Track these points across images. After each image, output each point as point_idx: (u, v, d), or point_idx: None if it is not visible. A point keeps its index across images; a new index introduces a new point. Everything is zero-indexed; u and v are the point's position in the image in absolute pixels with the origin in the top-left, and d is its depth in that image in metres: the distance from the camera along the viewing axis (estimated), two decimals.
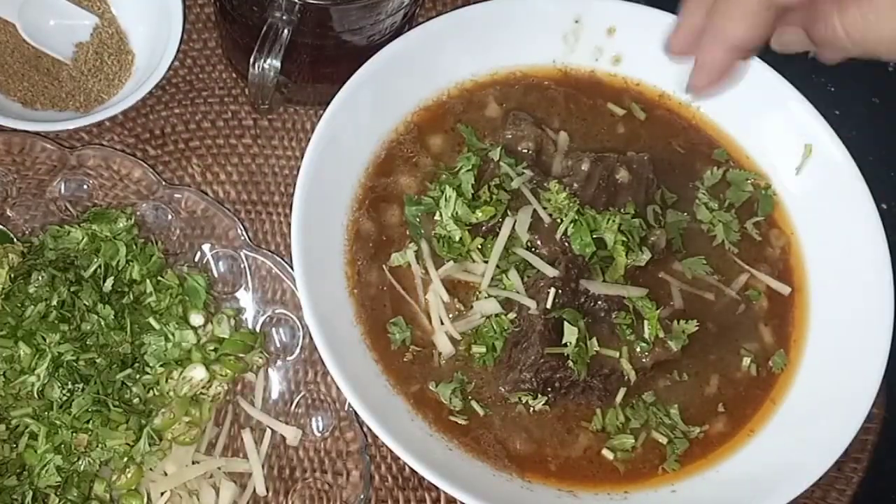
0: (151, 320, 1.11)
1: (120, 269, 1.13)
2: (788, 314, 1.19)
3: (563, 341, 1.08)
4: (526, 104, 1.25)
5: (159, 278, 1.14)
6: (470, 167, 1.14)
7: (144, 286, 1.12)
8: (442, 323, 1.12)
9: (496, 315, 1.12)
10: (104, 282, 1.11)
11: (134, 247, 1.14)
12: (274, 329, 1.16)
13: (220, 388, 1.12)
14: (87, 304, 1.09)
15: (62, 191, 1.17)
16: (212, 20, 1.30)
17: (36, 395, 1.05)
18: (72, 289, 1.09)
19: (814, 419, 1.12)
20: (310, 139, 1.12)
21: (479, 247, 1.13)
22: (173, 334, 1.11)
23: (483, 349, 1.11)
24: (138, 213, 1.17)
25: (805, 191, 1.22)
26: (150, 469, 1.08)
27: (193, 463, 1.10)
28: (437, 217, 1.14)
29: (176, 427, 1.10)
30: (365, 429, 1.12)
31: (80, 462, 1.06)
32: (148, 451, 1.08)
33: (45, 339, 1.06)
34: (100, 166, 1.18)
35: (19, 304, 1.08)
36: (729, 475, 1.10)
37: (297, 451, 1.13)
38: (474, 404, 1.10)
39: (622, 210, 1.14)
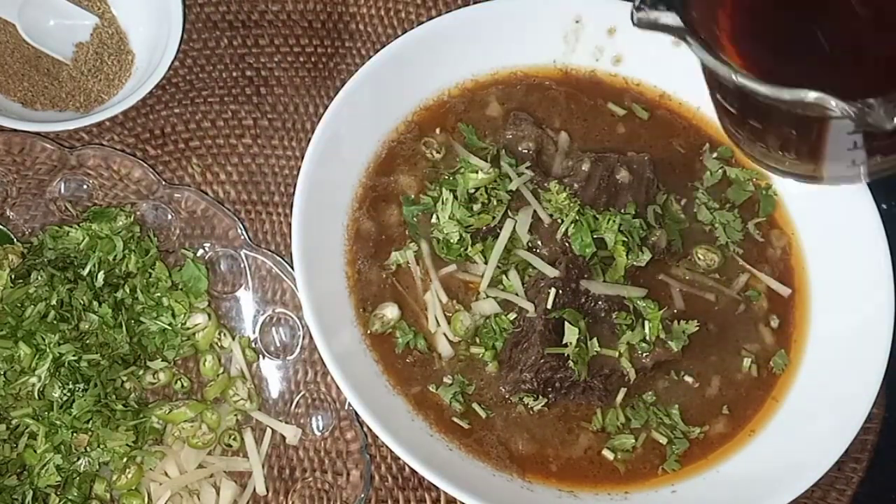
0: (144, 318, 1.12)
1: (115, 262, 1.13)
2: (789, 314, 1.19)
3: (564, 341, 1.08)
4: (527, 104, 1.25)
5: (150, 271, 1.14)
6: (468, 170, 1.15)
7: (137, 280, 1.13)
8: (439, 324, 1.12)
9: (496, 315, 1.12)
10: (97, 277, 1.12)
11: (131, 240, 1.14)
12: (274, 329, 1.16)
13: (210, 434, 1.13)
14: (82, 302, 1.09)
15: (62, 191, 1.17)
16: (212, 20, 1.30)
17: (36, 396, 1.05)
18: (68, 287, 1.09)
19: (814, 419, 1.12)
20: (310, 139, 1.12)
21: (481, 251, 1.13)
22: (171, 325, 1.12)
23: (482, 350, 1.12)
24: (138, 212, 1.17)
25: (805, 191, 1.22)
26: (151, 469, 1.09)
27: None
28: (434, 220, 1.14)
29: (186, 427, 1.10)
30: (365, 429, 1.12)
31: (80, 462, 1.06)
32: (148, 452, 1.08)
33: (44, 340, 1.06)
34: (100, 166, 1.18)
35: (19, 305, 1.08)
36: (729, 475, 1.10)
37: (297, 451, 1.14)
38: (476, 407, 1.10)
39: (623, 210, 1.14)
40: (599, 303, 1.11)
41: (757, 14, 0.97)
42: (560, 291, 1.09)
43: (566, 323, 1.08)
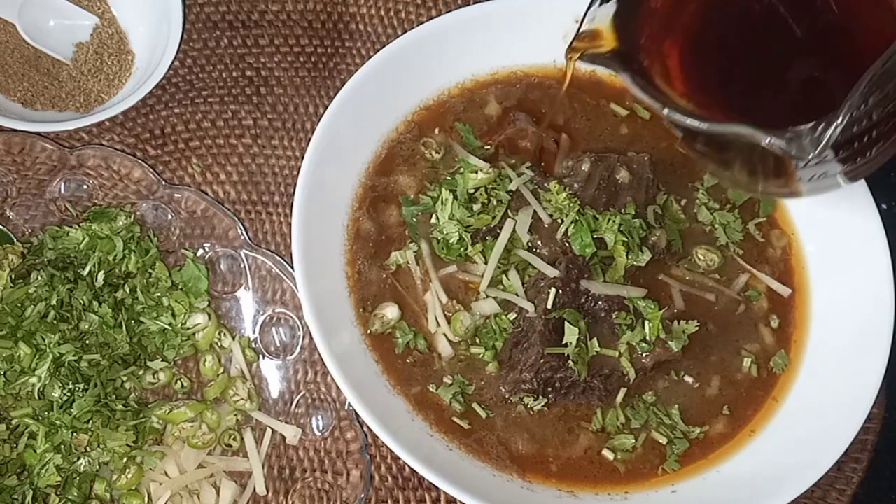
0: (144, 318, 1.12)
1: (115, 262, 1.14)
2: (789, 314, 1.19)
3: (564, 341, 1.08)
4: (529, 103, 1.24)
5: (150, 271, 1.14)
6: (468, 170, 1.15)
7: (137, 280, 1.13)
8: (439, 325, 1.12)
9: (496, 315, 1.12)
10: (97, 277, 1.12)
11: (131, 240, 1.14)
12: (274, 329, 1.16)
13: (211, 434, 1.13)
14: (82, 302, 1.09)
15: (62, 191, 1.17)
16: (212, 20, 1.30)
17: (36, 396, 1.05)
18: (68, 287, 1.09)
19: (814, 419, 1.12)
20: (310, 139, 1.12)
21: (481, 251, 1.13)
22: (171, 325, 1.12)
23: (482, 350, 1.12)
24: (138, 212, 1.17)
25: None
26: (151, 469, 1.09)
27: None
28: (433, 220, 1.14)
29: (186, 427, 1.10)
30: (365, 429, 1.12)
31: (80, 462, 1.06)
32: (148, 452, 1.08)
33: (44, 340, 1.06)
34: (100, 166, 1.18)
35: (19, 305, 1.08)
36: (729, 475, 1.10)
37: (297, 451, 1.14)
38: (476, 407, 1.10)
39: (622, 210, 1.14)
40: (599, 303, 1.11)
41: (700, 45, 0.97)
42: (560, 291, 1.09)
43: (566, 323, 1.08)
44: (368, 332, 1.11)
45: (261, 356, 1.16)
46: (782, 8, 0.94)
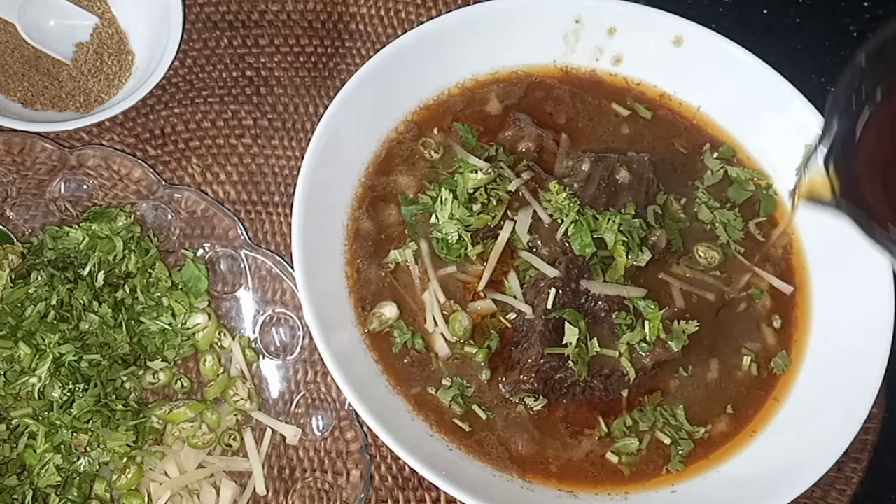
0: (144, 318, 1.12)
1: (115, 262, 1.14)
2: (790, 314, 1.19)
3: (564, 341, 1.08)
4: (531, 102, 1.24)
5: (150, 271, 1.14)
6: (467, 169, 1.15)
7: (137, 280, 1.13)
8: (437, 324, 1.12)
9: (492, 315, 1.12)
10: (97, 277, 1.12)
11: (131, 240, 1.14)
12: (274, 329, 1.16)
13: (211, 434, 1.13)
14: (82, 302, 1.09)
15: (62, 191, 1.17)
16: (212, 20, 1.30)
17: (36, 396, 1.05)
18: (68, 287, 1.09)
19: (814, 419, 1.12)
20: (310, 139, 1.12)
21: (480, 252, 1.13)
22: (171, 325, 1.12)
23: (475, 349, 1.11)
24: (138, 212, 1.17)
25: None
26: (151, 469, 1.09)
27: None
28: (433, 220, 1.14)
29: (186, 427, 1.10)
30: (365, 429, 1.12)
31: (80, 462, 1.06)
32: (148, 452, 1.08)
33: (44, 340, 1.06)
34: (100, 166, 1.18)
35: (19, 305, 1.08)
36: (729, 475, 1.10)
37: (297, 451, 1.14)
38: (476, 408, 1.10)
39: (623, 210, 1.14)
40: (599, 303, 1.11)
41: None
42: (560, 291, 1.09)
43: (566, 323, 1.08)
44: (367, 330, 1.11)
45: (261, 356, 1.16)
46: None
